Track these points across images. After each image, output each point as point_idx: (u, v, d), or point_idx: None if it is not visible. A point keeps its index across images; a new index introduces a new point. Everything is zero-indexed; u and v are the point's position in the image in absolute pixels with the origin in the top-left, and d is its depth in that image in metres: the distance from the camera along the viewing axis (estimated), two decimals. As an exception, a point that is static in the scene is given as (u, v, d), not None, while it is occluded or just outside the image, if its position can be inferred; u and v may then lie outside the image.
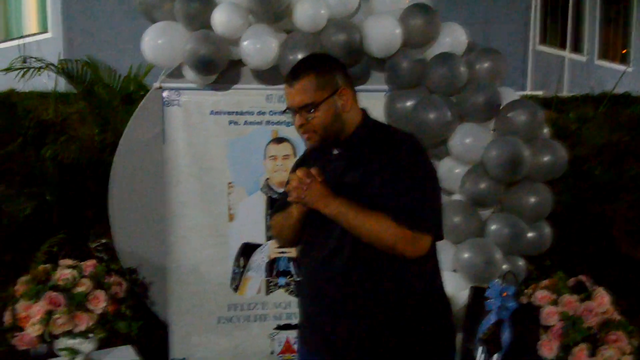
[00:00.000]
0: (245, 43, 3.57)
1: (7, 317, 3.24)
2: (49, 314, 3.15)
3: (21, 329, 3.19)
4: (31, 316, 3.15)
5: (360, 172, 2.23)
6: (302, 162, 2.46)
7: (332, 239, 2.25)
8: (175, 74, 3.73)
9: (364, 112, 2.38)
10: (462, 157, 3.83)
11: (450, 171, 3.89)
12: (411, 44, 3.81)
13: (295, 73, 2.33)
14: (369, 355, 2.22)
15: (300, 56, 3.56)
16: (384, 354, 2.20)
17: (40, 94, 6.97)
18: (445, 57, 3.78)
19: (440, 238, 2.29)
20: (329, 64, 2.35)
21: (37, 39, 9.83)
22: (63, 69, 4.82)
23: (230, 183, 3.72)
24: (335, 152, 2.35)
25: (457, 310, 3.75)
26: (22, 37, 10.31)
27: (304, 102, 2.23)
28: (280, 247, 2.65)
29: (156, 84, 3.74)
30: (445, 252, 3.78)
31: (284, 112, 2.39)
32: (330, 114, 2.24)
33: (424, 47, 3.88)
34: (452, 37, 3.91)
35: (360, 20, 3.76)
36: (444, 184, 3.93)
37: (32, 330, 3.15)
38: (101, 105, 4.97)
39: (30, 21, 10.67)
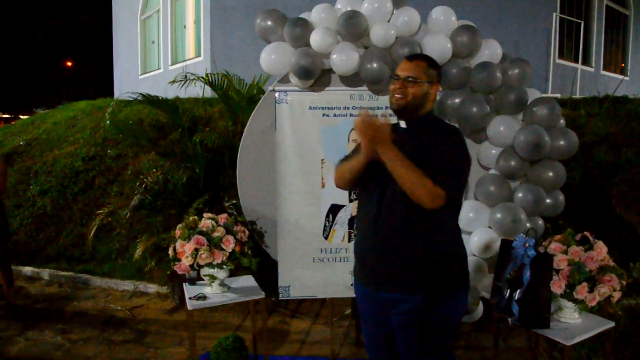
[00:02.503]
0: (334, 56, 3.47)
1: (170, 252, 3.29)
2: (196, 250, 3.18)
3: (179, 260, 3.24)
4: (185, 251, 3.19)
5: (416, 145, 2.19)
6: None
7: (384, 199, 2.21)
8: (284, 80, 3.67)
9: (432, 108, 2.35)
10: (497, 141, 3.62)
11: (487, 152, 3.70)
12: (459, 55, 3.63)
13: (416, 55, 2.40)
14: (403, 283, 2.20)
15: (375, 65, 3.47)
16: (414, 282, 2.18)
17: (194, 99, 7.13)
18: (485, 65, 3.58)
19: (459, 203, 2.24)
20: (435, 65, 2.33)
21: (194, 62, 10.04)
22: (208, 80, 4.86)
23: (322, 160, 3.64)
24: (403, 125, 2.30)
25: (491, 257, 3.63)
26: (184, 60, 10.59)
27: (412, 75, 2.22)
28: (339, 188, 2.54)
29: (270, 88, 3.70)
30: (483, 213, 3.61)
31: (390, 77, 2.34)
32: (421, 92, 2.23)
33: (468, 58, 3.69)
34: (490, 50, 3.70)
35: (420, 38, 3.60)
36: (483, 162, 3.76)
37: (186, 261, 3.19)
38: (233, 105, 5.00)
39: (189, 49, 10.91)
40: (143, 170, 6.08)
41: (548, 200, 3.62)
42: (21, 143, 8.09)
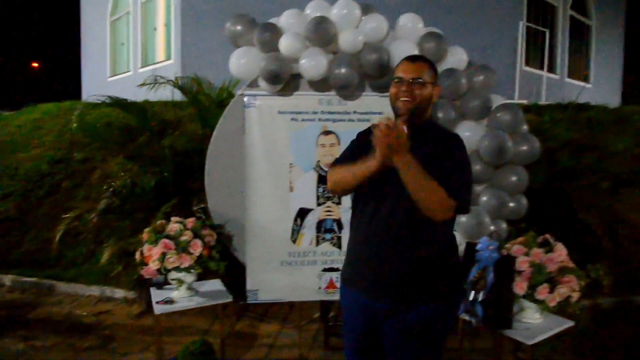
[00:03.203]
0: (303, 61, 3.51)
1: (138, 255, 3.28)
2: (164, 254, 3.17)
3: (146, 264, 3.22)
4: (152, 255, 3.18)
5: (420, 151, 2.03)
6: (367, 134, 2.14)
7: (385, 206, 2.12)
8: (253, 84, 3.68)
9: (431, 114, 2.27)
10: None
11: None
12: (425, 62, 3.70)
13: (417, 56, 2.30)
14: (402, 294, 2.12)
15: (344, 70, 3.52)
16: (413, 294, 2.11)
17: (163, 102, 7.07)
18: (451, 72, 3.66)
19: (468, 212, 2.14)
20: (435, 67, 2.27)
21: (164, 65, 9.98)
22: (178, 84, 4.83)
23: (291, 164, 3.66)
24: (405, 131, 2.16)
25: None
26: (154, 63, 10.52)
27: (418, 76, 2.12)
28: (333, 193, 2.47)
29: (239, 92, 3.71)
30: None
31: (393, 80, 2.19)
32: (427, 94, 2.14)
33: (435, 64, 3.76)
34: (456, 57, 3.78)
35: (388, 44, 3.66)
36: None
37: (153, 265, 3.18)
38: (203, 109, 4.98)
39: (159, 52, 10.83)
40: (111, 174, 6.00)
41: (511, 204, 3.71)
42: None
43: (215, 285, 3.55)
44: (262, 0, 8.97)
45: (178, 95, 6.39)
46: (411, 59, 2.23)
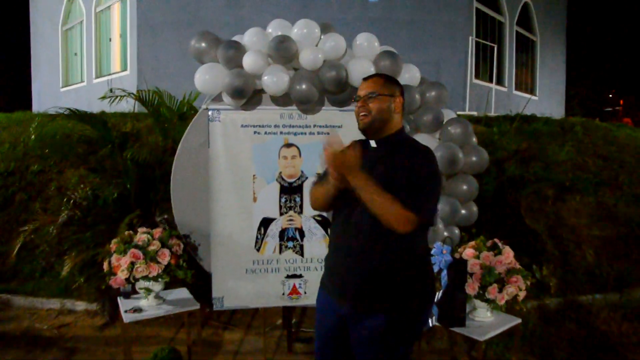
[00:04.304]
0: (265, 77, 3.66)
1: (105, 266, 3.35)
2: (132, 264, 3.25)
3: (114, 274, 3.30)
4: (121, 265, 3.26)
5: (387, 165, 2.19)
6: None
7: (354, 216, 2.22)
8: (217, 99, 3.81)
9: (402, 126, 2.36)
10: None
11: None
12: (381, 78, 3.92)
13: (372, 74, 2.46)
14: (367, 302, 2.22)
15: (304, 86, 3.69)
16: (377, 302, 2.21)
17: (120, 114, 7.08)
18: (405, 88, 3.88)
19: (432, 224, 2.25)
20: (393, 80, 2.38)
21: (119, 76, 9.94)
22: (139, 97, 4.91)
23: (254, 175, 3.79)
24: (373, 145, 2.32)
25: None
26: (110, 74, 10.46)
27: (370, 91, 2.26)
28: (315, 211, 2.62)
29: (204, 106, 3.82)
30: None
31: (352, 99, 2.32)
32: (384, 106, 2.24)
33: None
34: (410, 74, 4.00)
35: (346, 61, 3.85)
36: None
37: (122, 274, 3.26)
38: (164, 121, 5.06)
39: (115, 63, 10.77)
40: (68, 186, 5.99)
41: (463, 211, 3.96)
42: None
43: (182, 293, 3.66)
44: (217, 13, 9.17)
45: (136, 107, 6.44)
46: (366, 77, 2.38)
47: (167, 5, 9.48)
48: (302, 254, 3.86)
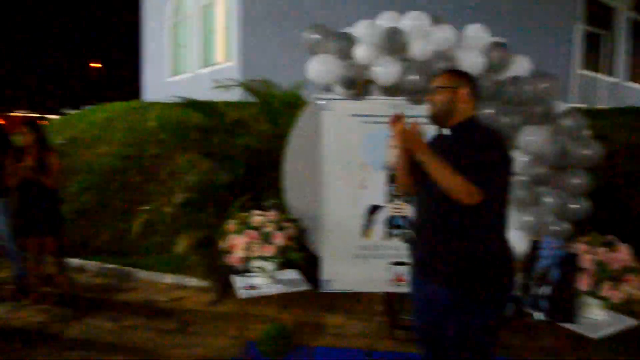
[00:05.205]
0: (376, 68, 3.76)
1: (223, 244, 3.59)
2: (248, 244, 3.47)
3: (231, 252, 3.53)
4: (238, 244, 3.49)
5: (453, 149, 2.37)
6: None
7: (426, 199, 2.47)
8: (328, 89, 3.95)
9: (474, 114, 2.50)
10: (526, 149, 3.88)
11: (517, 159, 3.95)
12: (491, 69, 3.89)
13: (443, 70, 2.73)
14: (440, 276, 2.40)
15: (414, 77, 3.75)
16: (449, 277, 2.37)
17: (225, 102, 7.44)
18: (515, 79, 3.84)
19: (490, 197, 2.29)
20: (458, 73, 2.58)
21: (224, 66, 10.40)
22: (248, 86, 5.15)
23: (363, 163, 3.91)
24: (444, 132, 2.52)
25: (519, 257, 3.87)
26: (214, 64, 10.98)
27: (435, 85, 2.50)
28: (400, 193, 2.88)
29: (316, 96, 3.97)
30: (513, 216, 3.87)
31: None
32: (446, 98, 2.45)
33: (499, 72, 3.95)
34: (520, 65, 3.95)
35: (455, 52, 3.86)
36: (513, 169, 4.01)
37: (238, 253, 3.49)
38: (272, 110, 5.29)
39: (220, 54, 11.26)
40: (181, 170, 6.40)
41: (573, 205, 3.87)
42: (61, 142, 8.48)
43: (293, 274, 3.84)
44: (316, 5, 9.35)
45: (240, 96, 6.74)
46: (437, 73, 2.63)
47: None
48: (408, 242, 3.92)
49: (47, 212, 4.88)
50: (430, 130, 2.54)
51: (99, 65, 37.53)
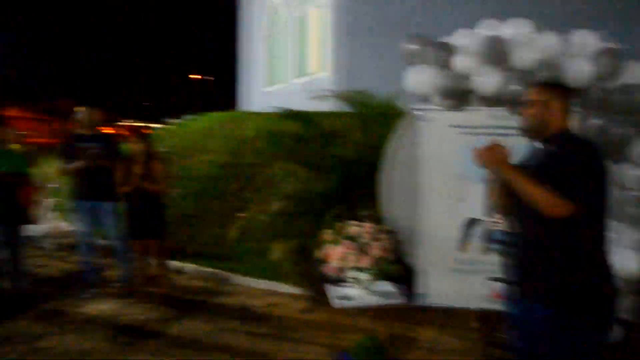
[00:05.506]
0: (477, 78, 3.67)
1: (319, 254, 3.63)
2: (344, 254, 3.49)
3: (326, 262, 3.57)
4: (333, 254, 3.52)
5: (546, 161, 2.34)
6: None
7: (518, 216, 2.43)
8: (425, 99, 3.91)
9: (568, 127, 2.45)
10: (638, 162, 3.64)
11: (628, 173, 3.72)
12: (600, 77, 3.69)
13: (537, 82, 2.68)
14: (531, 294, 2.35)
15: (515, 87, 3.63)
16: (539, 294, 2.31)
17: (316, 112, 7.56)
18: (626, 87, 3.62)
19: (584, 210, 2.22)
20: (551, 86, 2.53)
21: (319, 76, 10.57)
22: (344, 96, 5.20)
23: (461, 175, 3.82)
24: (538, 145, 2.49)
25: (630, 278, 3.62)
26: (309, 75, 11.21)
27: (527, 98, 2.48)
28: (496, 213, 2.82)
29: (414, 107, 3.94)
30: (626, 234, 3.64)
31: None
32: (537, 111, 2.41)
33: (609, 80, 3.73)
34: (632, 72, 3.72)
35: (560, 61, 3.70)
36: (622, 182, 3.77)
37: (334, 263, 3.52)
38: (366, 120, 5.31)
39: (314, 64, 11.48)
40: (276, 179, 6.56)
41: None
42: (166, 150, 8.96)
43: (386, 286, 3.82)
44: (412, 15, 9.27)
45: (334, 106, 6.82)
46: (531, 85, 2.58)
47: (362, 10, 9.84)
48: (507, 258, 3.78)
49: (153, 216, 5.19)
50: (523, 144, 2.51)
51: (199, 76, 39.52)
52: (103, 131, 6.34)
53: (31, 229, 5.62)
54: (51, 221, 7.73)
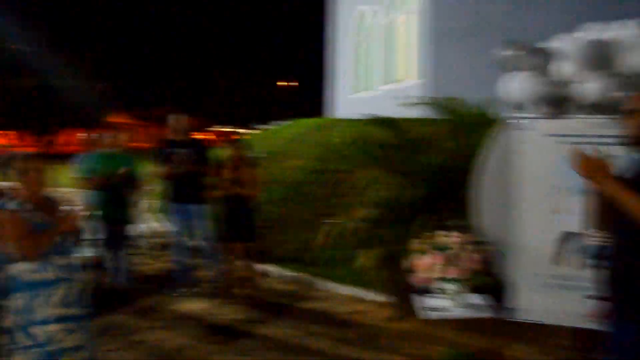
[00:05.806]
0: (577, 85, 3.52)
1: (406, 264, 3.61)
2: (433, 264, 3.44)
3: (415, 272, 3.54)
4: (422, 264, 3.48)
5: None
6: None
7: (616, 232, 2.37)
8: (520, 107, 3.79)
9: None
10: None
11: None
12: None
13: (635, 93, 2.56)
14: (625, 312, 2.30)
15: (619, 94, 3.43)
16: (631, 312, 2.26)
17: (406, 119, 7.51)
18: None
19: None
20: None
21: (407, 84, 10.52)
22: (435, 103, 5.14)
23: (559, 186, 3.66)
24: (636, 156, 2.40)
25: None
26: (397, 82, 11.20)
27: (632, 108, 2.39)
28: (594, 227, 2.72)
29: (510, 114, 3.82)
30: None
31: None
32: (635, 122, 2.34)
33: None
34: None
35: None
36: None
37: (422, 273, 3.48)
38: (458, 127, 5.20)
39: (402, 71, 11.45)
40: (362, 185, 6.58)
41: None
42: (258, 155, 9.24)
43: (477, 299, 3.72)
44: (505, 20, 9.00)
45: (422, 112, 6.74)
46: (631, 94, 2.54)
47: (451, 15, 9.70)
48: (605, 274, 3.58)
49: (244, 220, 5.37)
50: (625, 154, 2.43)
51: (287, 83, 40.50)
52: (194, 137, 6.63)
53: (130, 229, 5.98)
54: (146, 221, 8.18)
